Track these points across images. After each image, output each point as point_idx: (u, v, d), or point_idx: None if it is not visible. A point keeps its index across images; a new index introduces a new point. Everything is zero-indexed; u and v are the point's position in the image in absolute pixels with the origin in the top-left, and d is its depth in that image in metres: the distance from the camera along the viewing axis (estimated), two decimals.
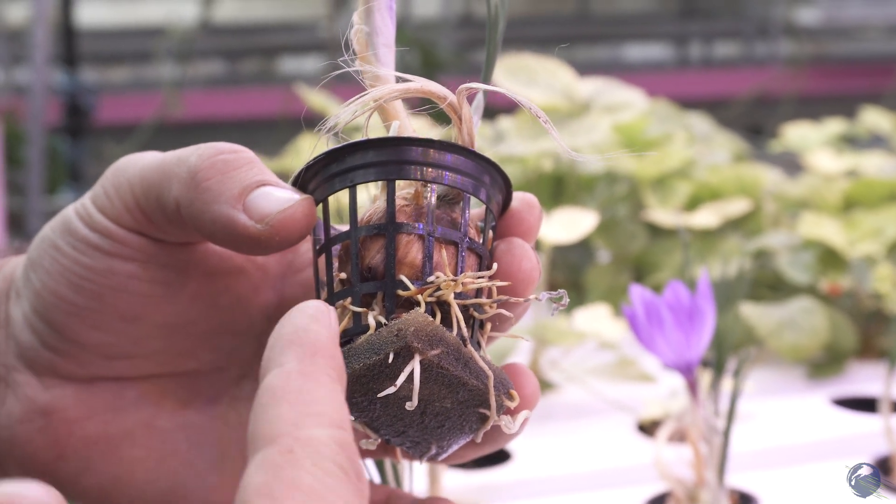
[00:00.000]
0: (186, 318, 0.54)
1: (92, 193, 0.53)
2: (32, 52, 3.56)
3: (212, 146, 0.50)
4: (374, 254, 0.48)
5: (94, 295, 0.52)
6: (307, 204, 0.50)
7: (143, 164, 0.52)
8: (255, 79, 6.02)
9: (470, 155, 0.49)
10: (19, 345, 0.54)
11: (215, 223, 0.49)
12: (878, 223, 1.38)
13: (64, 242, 0.52)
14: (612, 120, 1.42)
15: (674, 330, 0.82)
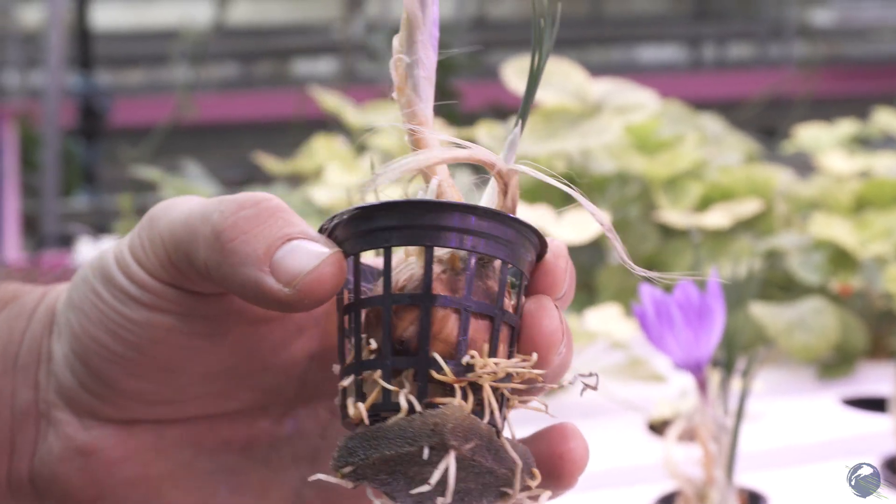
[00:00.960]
0: (228, 364, 0.53)
1: (129, 241, 0.52)
2: (47, 55, 3.58)
3: (233, 201, 0.49)
4: (408, 325, 0.46)
5: (133, 345, 0.51)
6: (336, 261, 0.48)
7: (172, 217, 0.51)
8: (268, 81, 6.03)
9: (513, 223, 0.47)
10: (60, 384, 0.53)
11: (245, 287, 0.48)
12: (890, 224, 1.38)
13: (104, 289, 0.51)
14: (624, 121, 1.42)
15: (683, 328, 0.83)
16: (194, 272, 0.50)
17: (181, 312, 0.51)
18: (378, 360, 0.46)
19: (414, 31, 0.51)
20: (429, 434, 0.44)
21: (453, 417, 0.44)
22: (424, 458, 0.44)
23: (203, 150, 5.00)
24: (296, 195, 1.69)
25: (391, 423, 0.45)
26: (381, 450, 0.44)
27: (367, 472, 0.45)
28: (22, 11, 5.45)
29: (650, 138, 1.51)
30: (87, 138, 3.85)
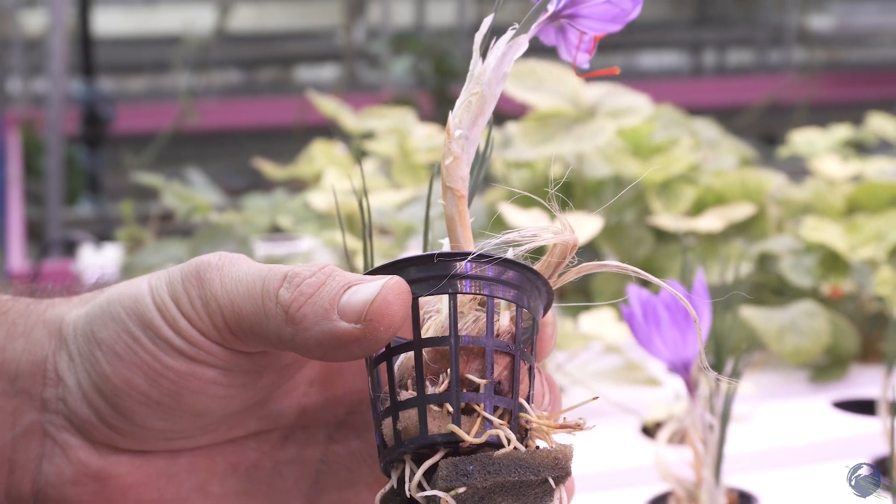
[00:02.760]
0: (249, 404, 0.56)
1: (171, 291, 0.54)
2: (50, 62, 3.60)
3: (296, 275, 0.52)
4: (502, 370, 0.52)
5: (170, 392, 0.53)
6: (397, 284, 0.52)
7: (230, 288, 0.53)
8: (271, 88, 6.05)
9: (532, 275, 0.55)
10: (74, 413, 0.55)
11: (322, 343, 0.51)
12: (881, 227, 1.39)
13: (144, 336, 0.53)
14: (618, 124, 1.44)
15: (670, 328, 0.84)
16: (257, 342, 0.53)
17: (225, 367, 0.54)
18: (477, 395, 0.51)
19: (479, 115, 0.56)
20: (551, 465, 0.51)
21: (568, 452, 0.52)
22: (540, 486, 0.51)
23: (205, 156, 5.01)
24: (296, 200, 1.71)
25: (501, 455, 0.50)
26: (501, 476, 0.50)
27: (477, 494, 0.50)
28: (25, 18, 5.48)
29: (644, 142, 1.52)
30: (91, 145, 3.87)
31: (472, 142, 0.57)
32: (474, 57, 0.58)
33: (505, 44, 0.58)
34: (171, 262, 1.51)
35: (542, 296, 0.54)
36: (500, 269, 0.52)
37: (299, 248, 1.78)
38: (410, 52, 3.75)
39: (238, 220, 1.63)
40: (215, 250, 1.64)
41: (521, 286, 0.53)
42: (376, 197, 1.51)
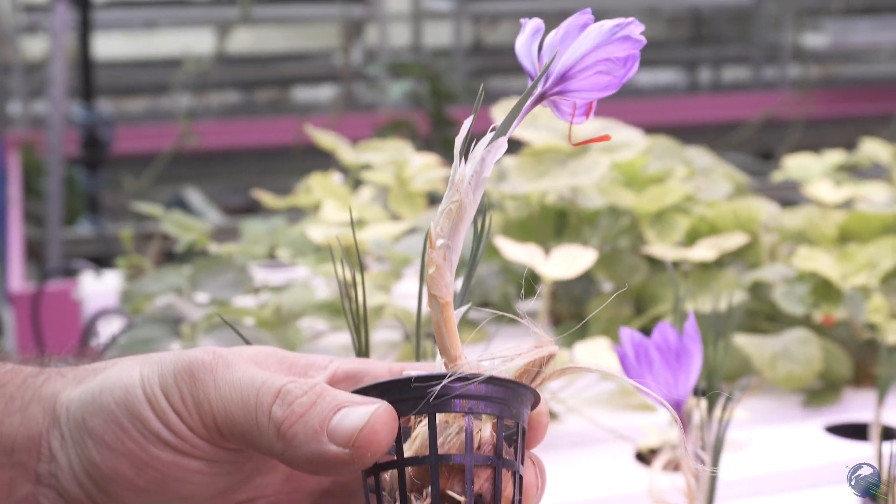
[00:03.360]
0: (231, 484, 0.59)
1: (163, 385, 0.56)
2: (51, 86, 3.62)
3: (288, 392, 0.55)
4: (483, 482, 0.55)
5: (156, 480, 0.56)
6: (385, 411, 0.55)
7: (225, 394, 0.56)
8: (269, 108, 6.08)
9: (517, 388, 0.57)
10: (65, 490, 0.58)
11: (311, 461, 0.55)
12: (872, 256, 1.41)
13: (132, 426, 0.56)
14: (612, 159, 1.46)
15: (662, 369, 0.86)
16: (249, 447, 0.56)
17: (211, 459, 0.57)
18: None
19: (460, 221, 0.58)
20: None
21: None
22: None
23: (204, 176, 5.04)
24: (294, 229, 1.73)
25: None
26: None
27: None
28: (26, 43, 5.50)
29: (638, 174, 1.54)
30: (90, 167, 3.89)
31: (454, 249, 0.59)
32: (455, 161, 0.59)
33: (483, 149, 0.60)
34: (171, 291, 1.53)
35: (526, 400, 0.57)
36: (479, 387, 0.55)
37: (296, 276, 1.80)
38: (408, 75, 3.78)
39: (236, 249, 1.65)
40: (215, 280, 1.63)
41: (503, 399, 0.56)
42: (374, 228, 1.53)
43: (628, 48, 0.64)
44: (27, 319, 2.77)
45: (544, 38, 0.66)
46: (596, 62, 0.63)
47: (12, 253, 3.45)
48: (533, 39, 0.66)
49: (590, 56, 0.63)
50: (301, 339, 1.41)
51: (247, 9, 4.14)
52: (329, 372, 0.62)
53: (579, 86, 0.63)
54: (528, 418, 0.58)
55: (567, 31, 0.64)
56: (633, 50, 0.64)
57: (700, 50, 6.43)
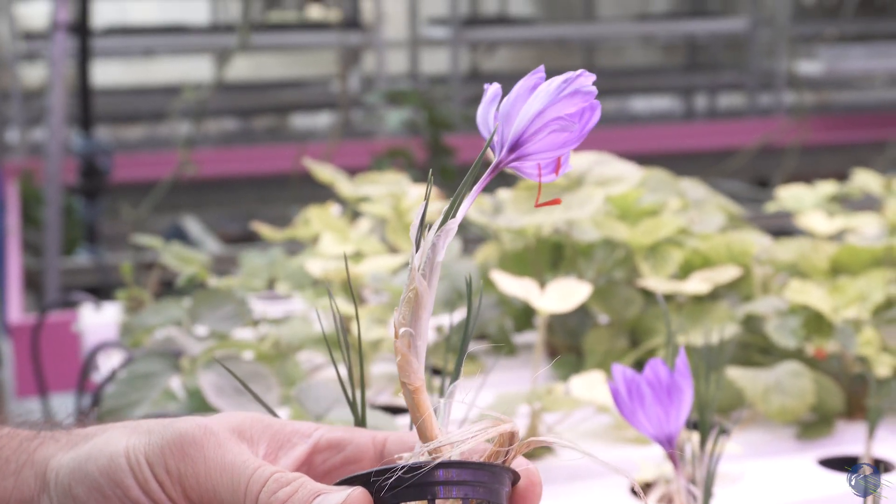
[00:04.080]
0: None
1: (148, 455, 0.60)
2: (49, 114, 3.64)
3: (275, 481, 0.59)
4: None
5: None
6: (360, 495, 0.58)
7: (215, 476, 0.59)
8: (267, 136, 6.11)
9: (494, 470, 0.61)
10: None
11: None
12: (863, 289, 1.43)
13: (113, 494, 0.59)
14: (606, 193, 1.48)
15: (654, 405, 0.88)
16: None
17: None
18: None
19: (419, 308, 0.60)
20: None
21: None
22: None
23: (202, 204, 5.06)
24: (293, 262, 1.75)
25: None
26: None
27: None
28: (24, 70, 5.53)
29: (632, 207, 1.56)
30: (88, 196, 3.91)
31: (419, 335, 0.60)
32: (412, 249, 0.60)
33: (434, 234, 0.61)
34: (171, 324, 1.54)
35: (504, 479, 0.60)
36: (457, 472, 0.58)
37: (294, 308, 1.82)
38: (405, 103, 3.80)
39: (236, 282, 1.66)
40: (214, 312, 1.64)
41: (479, 481, 0.59)
42: (371, 261, 1.55)
43: (579, 102, 0.63)
44: (26, 351, 2.78)
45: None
46: (548, 122, 0.63)
47: (11, 284, 3.47)
48: (490, 106, 0.66)
49: (540, 118, 0.63)
50: (299, 373, 1.42)
51: (245, 36, 4.16)
52: (312, 440, 0.64)
53: (536, 148, 0.64)
54: (520, 491, 0.62)
55: (518, 95, 0.64)
56: (584, 103, 0.63)
57: (695, 77, 6.47)
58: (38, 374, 1.92)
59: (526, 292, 1.34)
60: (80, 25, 3.76)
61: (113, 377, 1.40)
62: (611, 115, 6.68)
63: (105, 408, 1.33)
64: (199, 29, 5.80)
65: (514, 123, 0.64)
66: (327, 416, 1.15)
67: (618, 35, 6.57)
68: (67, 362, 2.38)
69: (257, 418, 0.64)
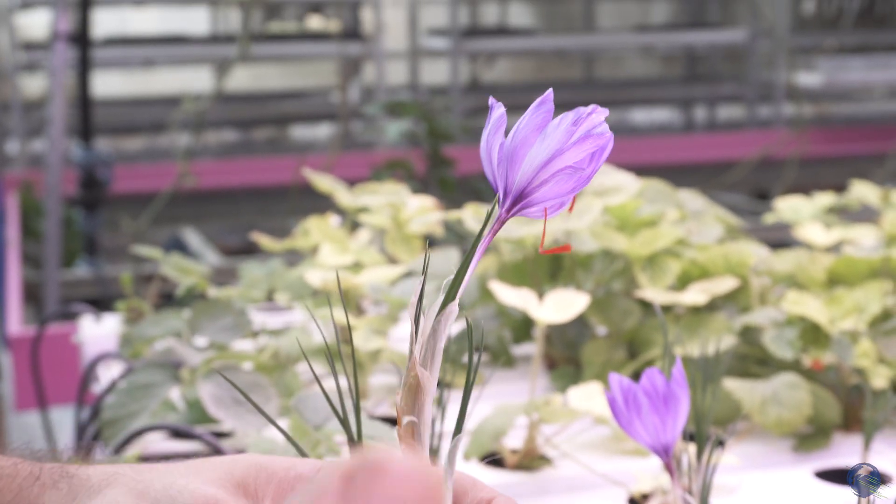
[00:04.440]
0: None
1: None
2: (49, 125, 3.65)
3: None
4: None
5: None
6: None
7: None
8: (267, 147, 6.11)
9: None
10: None
11: None
12: (860, 300, 1.44)
13: None
14: (604, 203, 1.48)
15: (650, 414, 0.88)
16: None
17: None
18: None
19: (421, 395, 0.58)
20: None
21: None
22: None
23: (202, 215, 5.06)
24: (293, 273, 1.75)
25: None
26: None
27: None
28: (24, 81, 5.54)
29: (630, 218, 1.57)
30: (87, 208, 3.91)
31: (422, 423, 0.59)
32: (411, 330, 0.58)
33: (433, 318, 0.59)
34: (170, 335, 1.55)
35: None
36: None
37: (294, 319, 1.82)
38: (405, 114, 3.81)
39: (235, 293, 1.67)
40: (214, 323, 1.65)
41: None
42: (371, 272, 1.55)
43: (590, 147, 0.59)
44: (26, 363, 2.78)
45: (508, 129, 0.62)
46: (556, 172, 0.59)
47: (10, 295, 3.47)
48: (495, 135, 0.62)
49: (547, 168, 0.59)
50: (298, 384, 1.43)
51: (245, 47, 4.18)
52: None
53: (543, 196, 0.60)
54: None
55: (524, 137, 0.60)
56: (595, 147, 0.59)
57: (695, 89, 6.48)
58: (37, 386, 1.93)
59: (524, 303, 1.35)
60: (81, 36, 3.77)
61: (113, 388, 1.41)
62: (610, 127, 6.67)
63: (105, 418, 1.34)
64: (199, 39, 5.82)
65: (518, 170, 0.60)
66: (325, 426, 1.16)
67: (617, 46, 6.59)
68: (67, 374, 2.39)
69: (257, 465, 0.63)
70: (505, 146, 0.61)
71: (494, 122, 0.62)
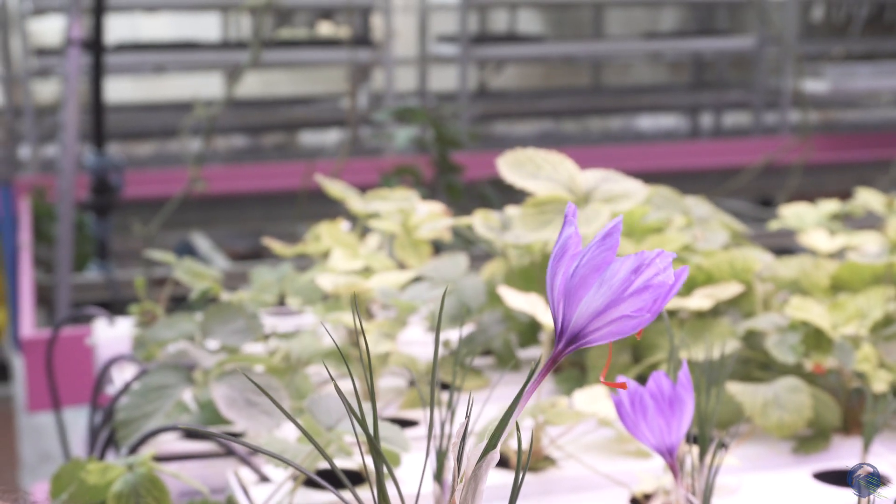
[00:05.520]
0: None
1: None
2: (62, 130, 3.68)
3: None
4: None
5: None
6: None
7: None
8: (276, 152, 6.14)
9: None
10: None
11: None
12: (862, 306, 1.46)
13: None
14: (612, 209, 1.51)
15: (656, 416, 0.91)
16: None
17: None
18: None
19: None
20: None
21: None
22: None
23: (211, 220, 5.10)
24: (303, 277, 1.78)
25: None
26: None
27: None
28: (36, 87, 5.58)
29: (637, 224, 1.59)
30: (99, 213, 3.94)
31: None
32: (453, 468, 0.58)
33: (474, 465, 0.57)
34: (183, 338, 1.58)
35: None
36: None
37: (304, 322, 1.85)
38: (413, 121, 3.84)
39: (247, 297, 1.70)
40: (226, 327, 1.69)
41: None
42: (380, 277, 1.58)
43: (648, 298, 0.56)
44: (38, 366, 2.81)
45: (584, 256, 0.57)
46: (612, 321, 0.56)
47: (23, 299, 3.50)
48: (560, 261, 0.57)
49: (603, 317, 0.56)
50: (309, 386, 1.45)
51: (256, 53, 4.21)
52: None
53: (598, 338, 0.57)
54: None
55: (583, 277, 0.56)
56: (654, 298, 0.55)
57: (701, 95, 6.50)
58: (52, 388, 1.96)
59: (532, 307, 1.37)
60: (94, 42, 3.80)
61: (127, 389, 1.44)
62: (617, 133, 6.73)
63: (120, 419, 1.37)
64: (210, 45, 5.85)
65: (574, 313, 0.57)
66: (338, 427, 1.19)
67: (625, 53, 6.61)
68: (80, 376, 2.41)
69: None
70: (565, 280, 0.58)
71: (562, 244, 0.58)
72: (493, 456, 0.58)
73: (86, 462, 1.16)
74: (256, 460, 1.31)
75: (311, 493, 1.27)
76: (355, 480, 1.29)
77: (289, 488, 1.23)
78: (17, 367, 3.71)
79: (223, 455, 1.42)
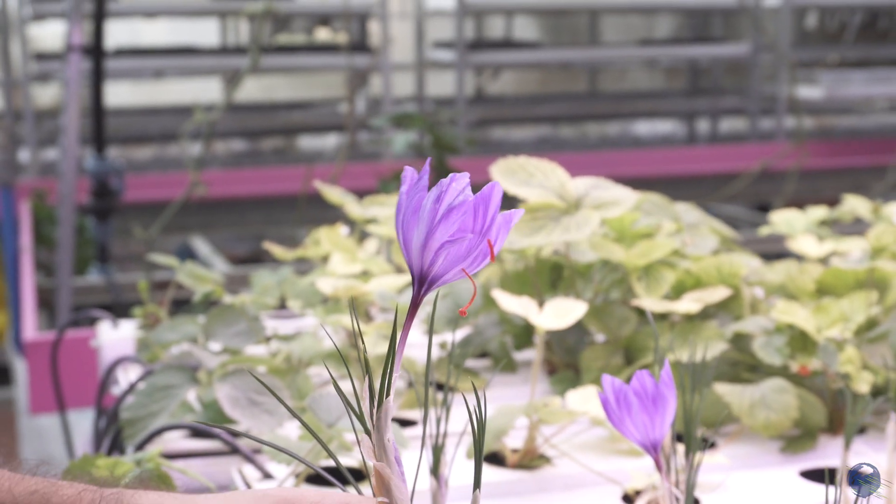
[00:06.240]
0: None
1: None
2: (63, 134, 3.71)
3: None
4: None
5: None
6: None
7: None
8: (275, 157, 6.18)
9: None
10: None
11: None
12: (846, 310, 1.51)
13: None
14: (602, 215, 1.55)
15: (640, 413, 0.95)
16: None
17: None
18: None
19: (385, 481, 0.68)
20: None
21: None
22: None
23: (210, 224, 5.13)
24: (304, 280, 1.82)
25: None
26: None
27: None
28: (36, 91, 5.61)
29: (627, 230, 1.64)
30: (99, 217, 3.98)
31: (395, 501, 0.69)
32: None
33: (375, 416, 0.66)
34: (186, 340, 1.62)
35: None
36: None
37: (305, 324, 1.89)
38: (411, 126, 3.88)
39: (248, 300, 1.74)
40: (228, 329, 1.73)
41: None
42: (378, 280, 1.62)
43: (457, 219, 0.59)
44: (41, 368, 2.85)
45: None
46: (438, 250, 0.61)
47: (25, 302, 3.53)
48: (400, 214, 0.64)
49: (427, 251, 0.61)
50: (310, 386, 1.50)
51: (255, 58, 4.25)
52: None
53: (442, 271, 0.62)
54: None
55: (405, 218, 0.62)
56: (462, 217, 0.58)
57: (697, 101, 6.55)
58: (56, 390, 1.99)
59: (525, 310, 1.42)
60: (95, 47, 3.84)
61: (132, 389, 1.48)
62: (614, 139, 6.77)
63: (126, 418, 1.41)
64: (209, 51, 5.89)
65: (411, 252, 0.62)
66: (338, 425, 1.23)
67: (621, 59, 6.65)
68: (84, 378, 2.45)
69: (286, 499, 0.74)
70: (400, 230, 0.64)
71: (397, 203, 0.64)
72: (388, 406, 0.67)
73: (95, 458, 1.20)
74: (260, 458, 1.36)
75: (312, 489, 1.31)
76: (356, 477, 1.33)
77: (291, 485, 1.27)
78: (19, 369, 3.74)
79: (227, 453, 1.46)
